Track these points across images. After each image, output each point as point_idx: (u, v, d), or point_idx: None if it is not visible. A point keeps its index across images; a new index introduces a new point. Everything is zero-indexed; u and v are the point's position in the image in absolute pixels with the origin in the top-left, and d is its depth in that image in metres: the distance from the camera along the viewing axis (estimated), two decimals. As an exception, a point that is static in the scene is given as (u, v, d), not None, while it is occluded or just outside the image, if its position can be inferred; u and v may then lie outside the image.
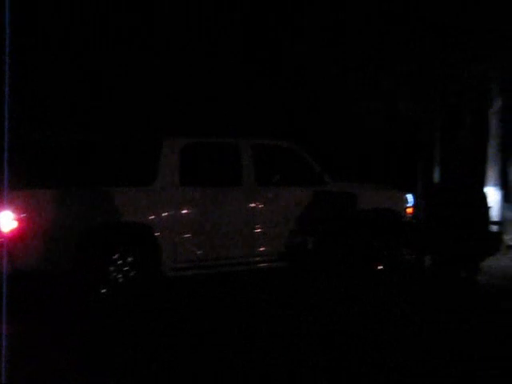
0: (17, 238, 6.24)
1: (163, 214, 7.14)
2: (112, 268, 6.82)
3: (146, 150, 7.40)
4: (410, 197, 8.67)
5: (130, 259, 6.91)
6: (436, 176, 13.90)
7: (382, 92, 12.75)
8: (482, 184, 6.87)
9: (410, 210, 8.59)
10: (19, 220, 6.28)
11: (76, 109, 11.93)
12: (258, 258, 7.79)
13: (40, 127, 8.81)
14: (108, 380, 4.64)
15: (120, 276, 6.86)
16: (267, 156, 7.95)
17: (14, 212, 6.24)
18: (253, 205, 7.69)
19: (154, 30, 12.72)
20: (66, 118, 11.44)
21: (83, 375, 4.69)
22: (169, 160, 7.27)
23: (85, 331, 5.86)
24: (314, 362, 5.02)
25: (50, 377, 4.65)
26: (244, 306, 6.83)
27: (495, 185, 12.03)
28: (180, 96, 12.74)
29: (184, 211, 7.25)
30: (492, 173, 12.07)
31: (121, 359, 5.08)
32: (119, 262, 6.86)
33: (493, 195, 11.98)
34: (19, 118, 4.60)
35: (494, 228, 11.30)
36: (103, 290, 6.73)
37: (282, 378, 4.73)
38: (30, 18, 11.34)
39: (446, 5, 11.00)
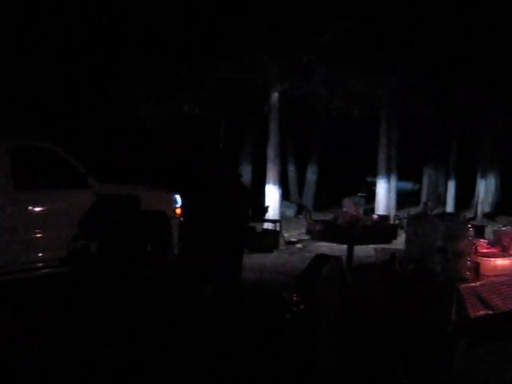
0: None
1: None
2: None
3: None
4: (178, 197, 8.66)
5: None
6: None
7: (166, 95, 12.71)
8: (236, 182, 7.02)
9: (179, 211, 8.57)
10: None
11: None
12: (33, 265, 7.29)
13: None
14: None
15: None
16: (27, 158, 7.42)
17: None
18: (11, 210, 7.09)
19: None
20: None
21: None
22: None
23: None
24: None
25: None
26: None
27: (275, 183, 12.53)
28: None
29: None
30: (272, 172, 12.55)
31: None
32: None
33: (272, 194, 12.50)
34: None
35: (272, 226, 11.85)
36: None
37: None
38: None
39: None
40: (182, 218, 8.39)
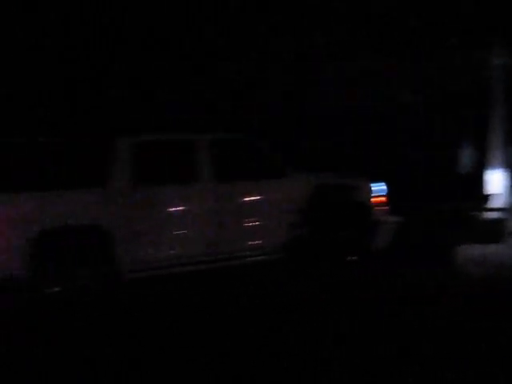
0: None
1: (118, 216, 6.81)
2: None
3: (97, 150, 7.05)
4: (380, 185, 8.52)
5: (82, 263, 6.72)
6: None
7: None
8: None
9: (377, 200, 8.44)
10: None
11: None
12: (246, 253, 7.66)
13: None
14: None
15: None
16: (226, 151, 7.68)
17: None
18: (215, 201, 7.44)
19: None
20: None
21: None
22: (122, 159, 6.98)
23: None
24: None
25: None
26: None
27: (500, 169, 11.55)
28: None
29: (140, 211, 6.98)
30: (496, 156, 11.52)
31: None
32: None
33: (497, 180, 11.55)
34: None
35: (498, 215, 10.95)
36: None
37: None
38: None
39: None
40: (386, 207, 8.45)
